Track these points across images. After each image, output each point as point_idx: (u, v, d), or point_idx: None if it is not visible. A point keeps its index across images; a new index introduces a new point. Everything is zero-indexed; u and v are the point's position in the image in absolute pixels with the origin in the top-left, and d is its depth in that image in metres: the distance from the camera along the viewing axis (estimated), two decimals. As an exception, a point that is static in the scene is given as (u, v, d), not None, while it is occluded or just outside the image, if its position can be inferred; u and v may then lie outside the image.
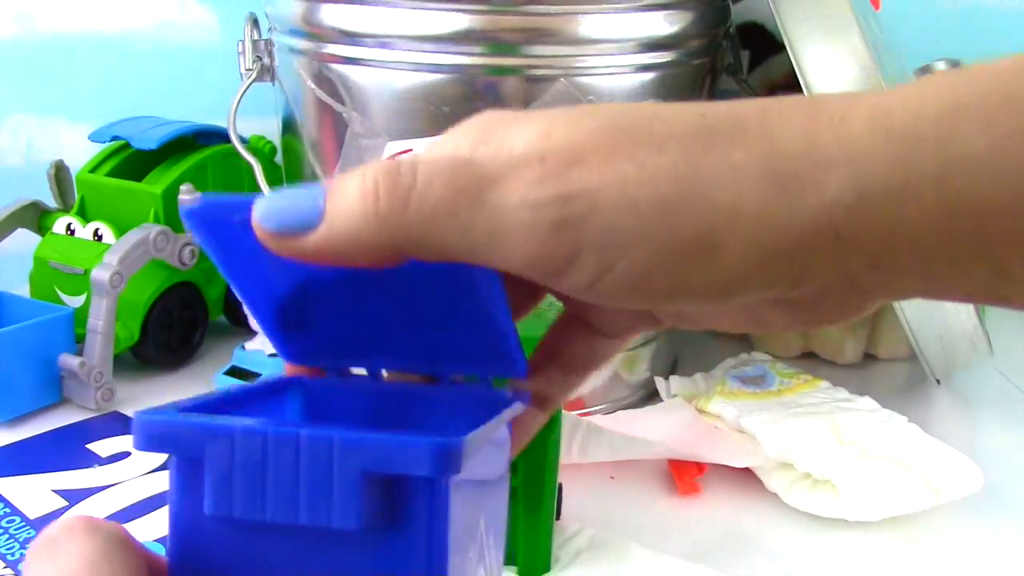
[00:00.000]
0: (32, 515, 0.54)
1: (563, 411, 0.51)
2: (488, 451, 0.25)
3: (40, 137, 0.90)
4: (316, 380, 0.30)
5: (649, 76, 0.60)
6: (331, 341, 0.29)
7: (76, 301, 0.70)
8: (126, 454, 0.60)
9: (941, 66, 0.73)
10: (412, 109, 0.58)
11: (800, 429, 0.60)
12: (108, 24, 0.87)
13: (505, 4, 0.56)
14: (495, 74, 0.57)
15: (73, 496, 0.56)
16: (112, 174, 0.74)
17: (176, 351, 0.73)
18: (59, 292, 0.72)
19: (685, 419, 0.62)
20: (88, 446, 0.61)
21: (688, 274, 0.23)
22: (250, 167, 0.68)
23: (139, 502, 0.55)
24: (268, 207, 0.23)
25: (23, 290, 0.73)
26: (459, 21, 0.56)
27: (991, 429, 0.69)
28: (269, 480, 0.21)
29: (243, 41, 0.68)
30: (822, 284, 0.24)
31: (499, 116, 0.25)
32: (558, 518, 0.52)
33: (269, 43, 0.67)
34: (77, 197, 0.74)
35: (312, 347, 0.29)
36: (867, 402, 0.65)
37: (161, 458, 0.60)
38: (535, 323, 0.36)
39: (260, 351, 0.70)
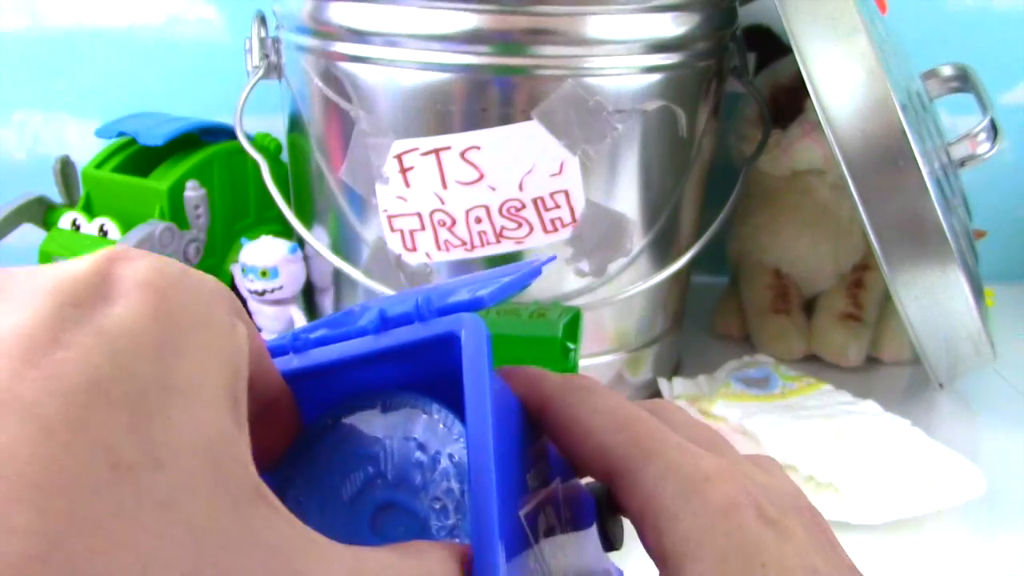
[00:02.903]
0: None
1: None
2: None
3: (46, 132, 0.90)
4: None
5: (655, 77, 0.60)
6: None
7: (81, 296, 0.70)
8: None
9: (947, 71, 0.73)
10: (419, 108, 0.58)
11: (803, 432, 0.60)
12: (114, 20, 0.87)
13: (513, 4, 0.56)
14: (502, 74, 0.57)
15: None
16: (118, 170, 0.74)
17: (180, 347, 0.73)
18: (64, 287, 0.71)
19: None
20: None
21: None
22: (256, 164, 0.68)
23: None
24: None
25: (28, 285, 0.73)
26: (467, 20, 0.56)
27: (994, 433, 0.69)
28: None
29: (250, 39, 0.68)
30: None
31: None
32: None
33: (276, 41, 0.68)
34: (83, 193, 0.74)
35: None
36: (870, 405, 0.65)
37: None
38: (513, 322, 0.35)
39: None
